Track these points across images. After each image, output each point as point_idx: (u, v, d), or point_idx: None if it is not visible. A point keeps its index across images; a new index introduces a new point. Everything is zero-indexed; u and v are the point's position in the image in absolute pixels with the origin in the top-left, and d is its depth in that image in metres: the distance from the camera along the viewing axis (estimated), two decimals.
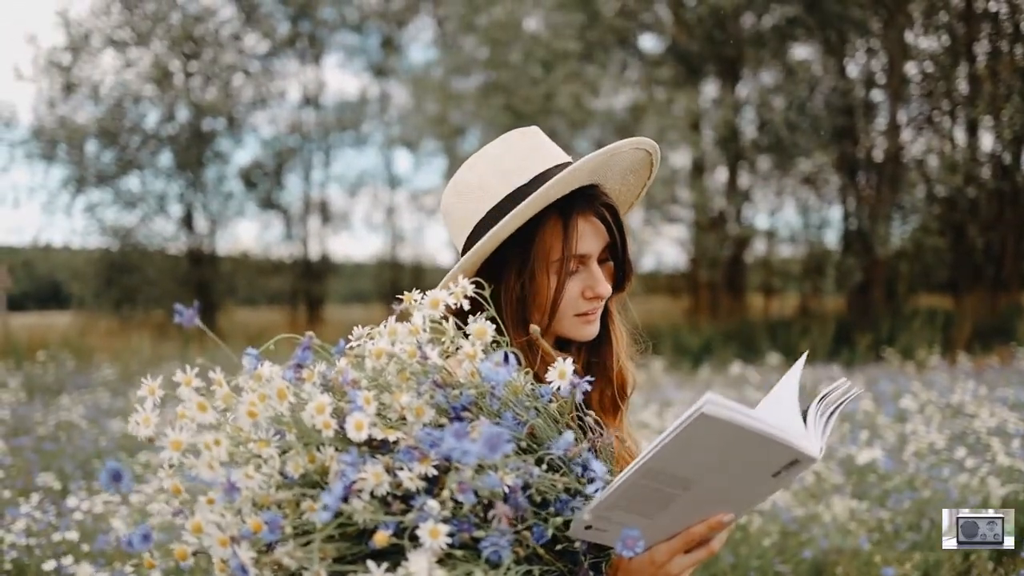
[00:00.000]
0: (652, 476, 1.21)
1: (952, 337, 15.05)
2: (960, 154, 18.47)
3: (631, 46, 20.79)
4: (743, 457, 1.19)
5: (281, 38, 24.13)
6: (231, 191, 24.05)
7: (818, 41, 19.85)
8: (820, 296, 20.54)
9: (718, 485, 1.24)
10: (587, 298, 1.73)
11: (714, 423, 1.12)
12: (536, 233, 1.70)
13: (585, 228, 1.71)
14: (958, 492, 5.05)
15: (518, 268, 1.71)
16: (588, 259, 1.73)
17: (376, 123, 25.94)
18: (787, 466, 1.20)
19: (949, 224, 19.36)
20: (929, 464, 5.59)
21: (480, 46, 20.35)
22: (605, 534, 1.30)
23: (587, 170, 1.69)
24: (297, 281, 25.00)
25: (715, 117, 19.97)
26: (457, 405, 1.30)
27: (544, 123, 18.65)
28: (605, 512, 1.25)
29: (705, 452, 1.17)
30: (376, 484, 1.19)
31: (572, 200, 1.72)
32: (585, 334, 1.76)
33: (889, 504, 5.09)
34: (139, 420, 1.31)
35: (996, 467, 5.35)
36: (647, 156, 1.80)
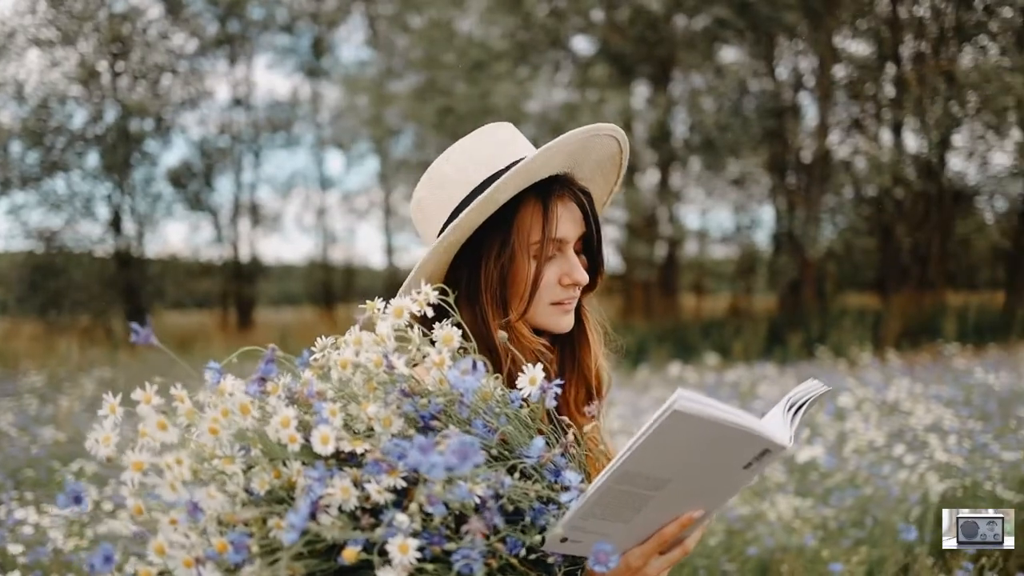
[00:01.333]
0: (627, 480, 1.19)
1: (881, 335, 15.32)
2: (887, 156, 18.79)
3: (563, 48, 20.85)
4: (715, 451, 1.18)
5: (210, 38, 23.83)
6: (160, 193, 23.67)
7: (748, 43, 20.09)
8: (751, 296, 20.78)
9: (691, 482, 1.23)
10: (564, 285, 1.70)
11: (687, 419, 1.10)
12: (515, 215, 1.69)
13: (563, 212, 1.70)
14: (899, 489, 5.11)
15: (497, 251, 1.69)
16: (565, 245, 1.71)
17: (307, 124, 25.75)
18: (758, 457, 1.19)
19: (877, 225, 19.72)
20: (869, 461, 5.65)
21: (414, 47, 20.29)
22: (580, 545, 1.28)
23: (567, 152, 1.68)
24: (227, 283, 24.72)
25: (647, 118, 20.10)
26: (426, 414, 1.28)
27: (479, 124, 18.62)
28: (580, 522, 1.23)
29: (680, 450, 1.16)
30: (344, 499, 1.16)
31: (550, 184, 1.71)
32: (560, 325, 1.73)
33: (832, 502, 5.13)
34: (99, 439, 1.25)
35: (935, 463, 5.43)
36: (617, 153, 1.80)
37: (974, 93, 17.67)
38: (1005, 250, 21.06)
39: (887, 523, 4.77)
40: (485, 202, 1.63)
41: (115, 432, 1.26)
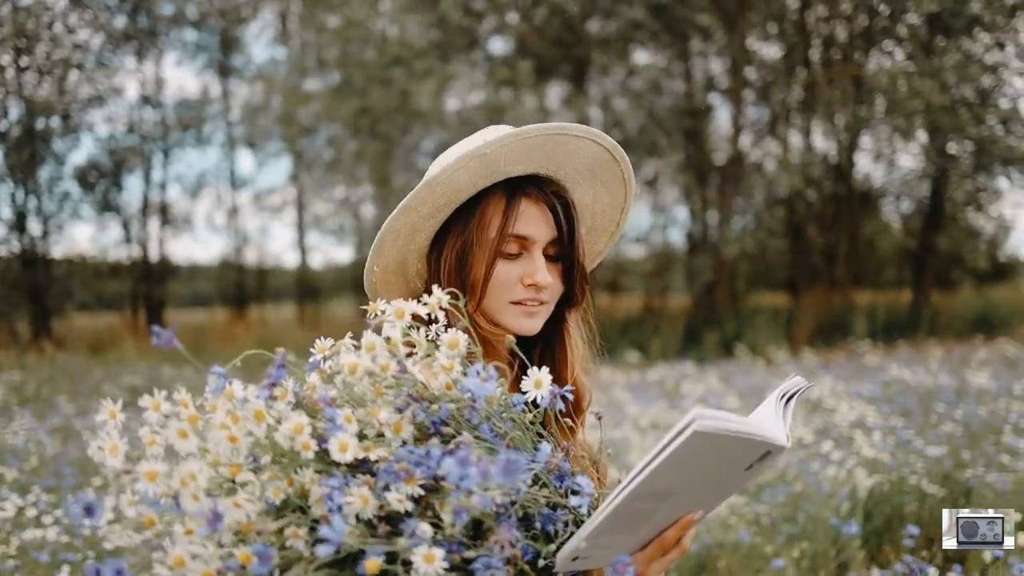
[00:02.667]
0: (641, 499, 1.20)
1: (794, 334, 15.61)
2: (797, 158, 19.15)
3: (480, 48, 20.86)
4: (725, 459, 1.19)
5: (118, 33, 23.30)
6: (67, 192, 23.09)
7: (663, 45, 20.30)
8: (666, 295, 21.00)
9: (697, 489, 1.24)
10: (525, 285, 1.69)
11: (707, 438, 1.11)
12: (478, 206, 1.69)
13: (530, 210, 1.69)
14: (828, 484, 5.21)
15: (456, 238, 1.70)
16: (530, 244, 1.69)
17: (218, 122, 25.36)
18: (760, 458, 1.21)
19: (788, 225, 20.08)
20: (799, 458, 5.75)
21: (328, 45, 20.12)
22: (588, 559, 1.27)
23: (541, 150, 1.66)
24: (136, 285, 24.20)
25: (564, 118, 20.19)
26: (436, 419, 1.26)
27: (397, 123, 18.57)
28: (591, 540, 1.23)
29: (694, 465, 1.17)
30: (362, 508, 1.15)
31: (522, 182, 1.71)
32: (523, 327, 1.71)
33: (764, 498, 5.21)
34: (105, 448, 1.19)
35: (862, 459, 5.55)
36: (610, 161, 1.76)
37: (882, 97, 18.08)
38: (910, 250, 21.63)
39: (819, 518, 4.86)
40: (433, 182, 1.64)
41: (123, 440, 1.20)
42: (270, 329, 20.10)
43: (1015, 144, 18.00)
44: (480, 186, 1.69)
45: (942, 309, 18.29)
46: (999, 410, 6.67)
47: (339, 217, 23.78)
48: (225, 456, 1.20)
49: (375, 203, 22.36)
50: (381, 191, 20.46)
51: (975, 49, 18.05)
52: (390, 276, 1.79)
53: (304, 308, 24.98)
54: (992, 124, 18.00)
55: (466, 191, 1.69)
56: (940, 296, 20.53)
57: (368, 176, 21.19)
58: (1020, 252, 27.06)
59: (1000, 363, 10.33)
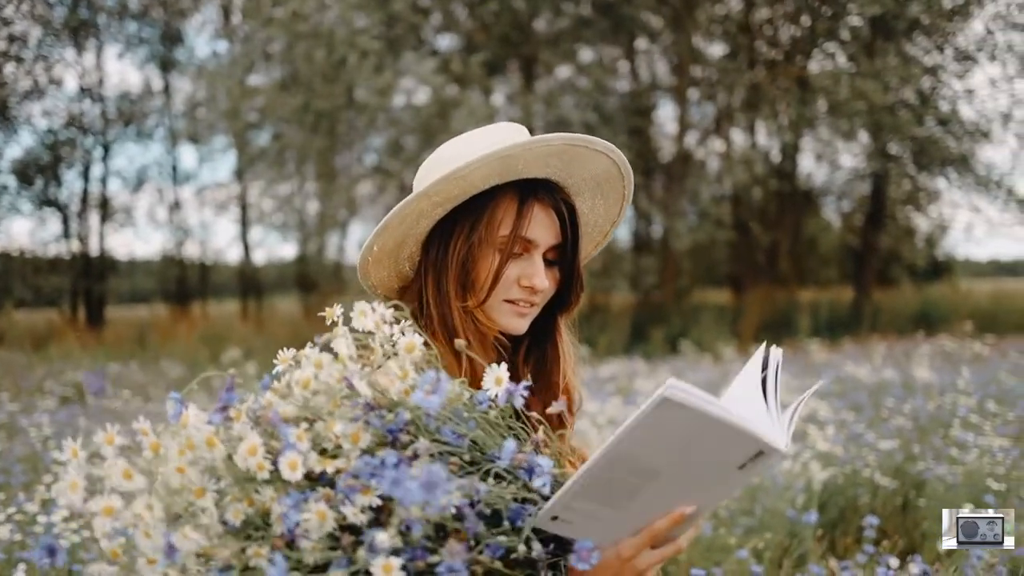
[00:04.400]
0: (617, 466, 1.20)
1: (738, 330, 15.76)
2: (741, 156, 19.32)
3: (427, 44, 20.78)
4: (707, 447, 1.19)
5: (57, 24, 22.90)
6: (4, 186, 22.67)
7: (609, 43, 20.38)
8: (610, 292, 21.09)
9: (684, 476, 1.25)
10: (522, 286, 1.72)
11: (676, 409, 1.12)
12: (489, 205, 1.71)
13: (539, 215, 1.72)
14: (783, 478, 5.29)
15: (466, 233, 1.72)
16: (533, 248, 1.72)
17: (160, 116, 25.00)
18: (753, 458, 1.21)
19: (733, 223, 20.26)
20: None
21: (273, 40, 19.93)
22: (571, 526, 1.28)
23: (557, 156, 1.69)
24: (76, 280, 23.80)
25: (510, 114, 20.18)
26: (392, 427, 1.27)
27: (343, 119, 18.46)
28: (571, 502, 1.24)
29: (669, 440, 1.18)
30: (321, 523, 1.17)
31: (534, 185, 1.73)
32: (512, 325, 1.75)
33: None
34: (66, 487, 1.22)
35: (816, 453, 5.63)
36: (617, 177, 1.79)
37: (824, 97, 18.30)
38: (851, 248, 21.94)
39: (775, 510, 4.93)
40: (451, 177, 1.64)
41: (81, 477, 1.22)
42: (213, 325, 19.83)
43: (953, 145, 18.34)
44: (494, 183, 1.71)
45: (883, 306, 18.57)
46: (945, 404, 6.80)
47: (283, 213, 23.58)
48: (181, 483, 1.23)
49: (319, 199, 22.19)
50: (326, 187, 20.31)
51: (915, 52, 18.36)
52: (383, 257, 1.80)
53: (247, 304, 24.72)
54: (931, 125, 18.30)
55: (479, 186, 1.70)
56: (881, 293, 20.83)
57: (313, 172, 21.05)
58: (956, 251, 27.59)
59: (941, 358, 10.54)
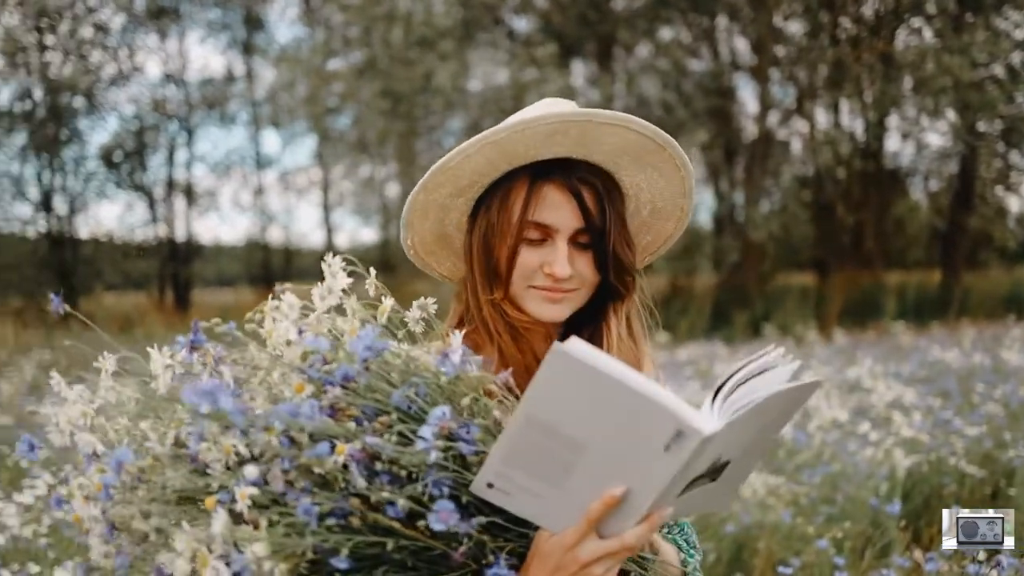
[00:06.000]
0: (539, 428, 1.17)
1: (823, 313, 15.50)
2: (825, 137, 19.00)
3: (505, 26, 20.75)
4: (621, 418, 1.15)
5: (140, 11, 23.25)
6: (92, 172, 23.14)
7: (689, 22, 20.16)
8: (691, 275, 20.91)
9: (609, 453, 1.20)
10: (544, 274, 1.63)
11: (571, 363, 1.11)
12: (503, 190, 1.65)
13: (553, 197, 1.62)
14: (867, 465, 5.16)
15: (484, 222, 1.66)
16: (554, 233, 1.63)
17: (242, 102, 25.29)
18: (674, 438, 1.14)
19: (816, 204, 19.95)
20: (834, 439, 5.70)
21: (351, 24, 20.05)
22: (510, 498, 1.25)
23: (550, 132, 1.57)
24: (163, 264, 24.24)
25: (589, 97, 20.08)
26: (330, 380, 1.27)
27: (420, 103, 18.51)
28: (503, 469, 1.21)
29: (576, 402, 1.15)
30: (226, 456, 1.22)
31: (549, 167, 1.64)
32: (544, 312, 1.65)
33: (802, 479, 5.16)
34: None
35: (899, 440, 5.49)
36: (655, 148, 1.66)
37: (910, 74, 17.90)
38: (939, 229, 21.45)
39: (857, 499, 4.81)
40: (443, 167, 1.61)
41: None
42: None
43: None
44: (504, 168, 1.63)
45: (972, 288, 18.12)
46: None
47: (364, 196, 23.74)
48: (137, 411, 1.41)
49: (400, 182, 22.32)
50: (406, 170, 20.41)
51: (1005, 26, 17.85)
52: (432, 247, 1.77)
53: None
54: (1021, 102, 17.81)
55: (489, 174, 1.64)
56: (970, 275, 20.34)
57: (393, 155, 21.15)
58: None
59: None
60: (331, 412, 1.26)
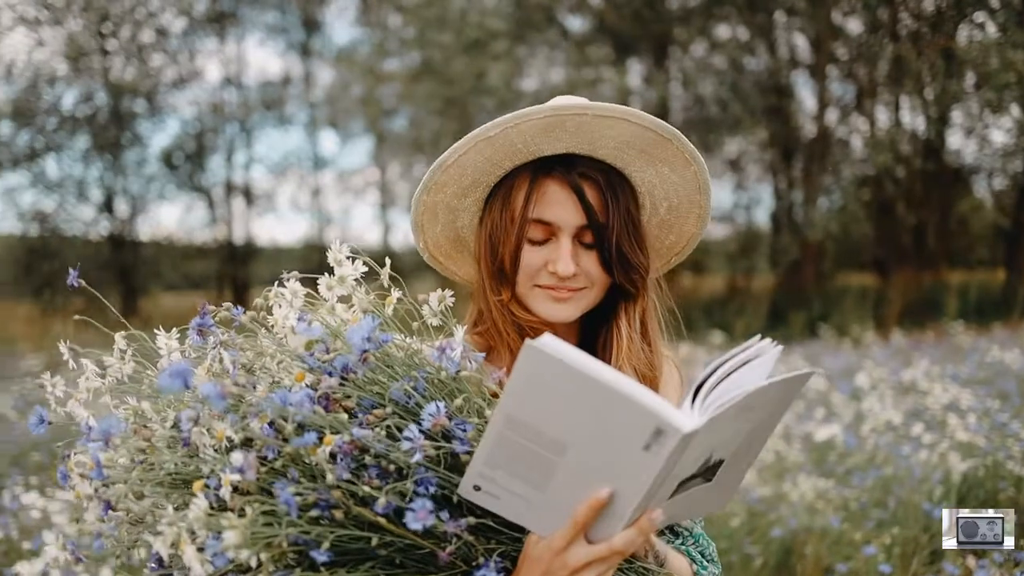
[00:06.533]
0: (519, 429, 1.15)
1: (882, 314, 15.26)
2: (886, 134, 18.72)
3: (559, 25, 20.70)
4: (599, 417, 1.12)
5: (199, 15, 23.56)
6: (152, 174, 23.48)
7: (746, 20, 19.96)
8: (750, 275, 20.70)
9: (591, 453, 1.16)
10: (549, 272, 1.59)
11: (543, 359, 1.09)
12: (506, 188, 1.62)
13: (555, 193, 1.58)
14: (920, 469, 5.04)
15: (489, 222, 1.63)
16: (557, 230, 1.58)
17: (300, 103, 25.50)
18: (654, 436, 1.11)
19: (876, 203, 19.67)
20: (888, 441, 5.58)
21: (407, 26, 20.13)
22: (497, 501, 1.22)
23: (547, 126, 1.53)
24: (222, 265, 24.53)
25: (645, 96, 19.98)
26: (328, 369, 1.27)
27: (474, 104, 18.53)
28: (487, 471, 1.19)
29: (553, 401, 1.12)
30: (218, 442, 1.23)
31: (552, 162, 1.59)
32: (551, 312, 1.61)
33: (853, 482, 5.06)
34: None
35: (955, 443, 5.35)
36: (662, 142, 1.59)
37: (972, 70, 17.57)
38: (1003, 228, 21.03)
39: (910, 503, 4.70)
40: (442, 164, 1.59)
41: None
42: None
43: None
44: (507, 165, 1.60)
45: None
46: None
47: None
48: None
49: None
50: None
51: None
52: (449, 251, 1.74)
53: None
54: None
55: (491, 172, 1.61)
56: None
57: None
58: None
59: None
60: (325, 402, 1.25)
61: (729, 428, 1.20)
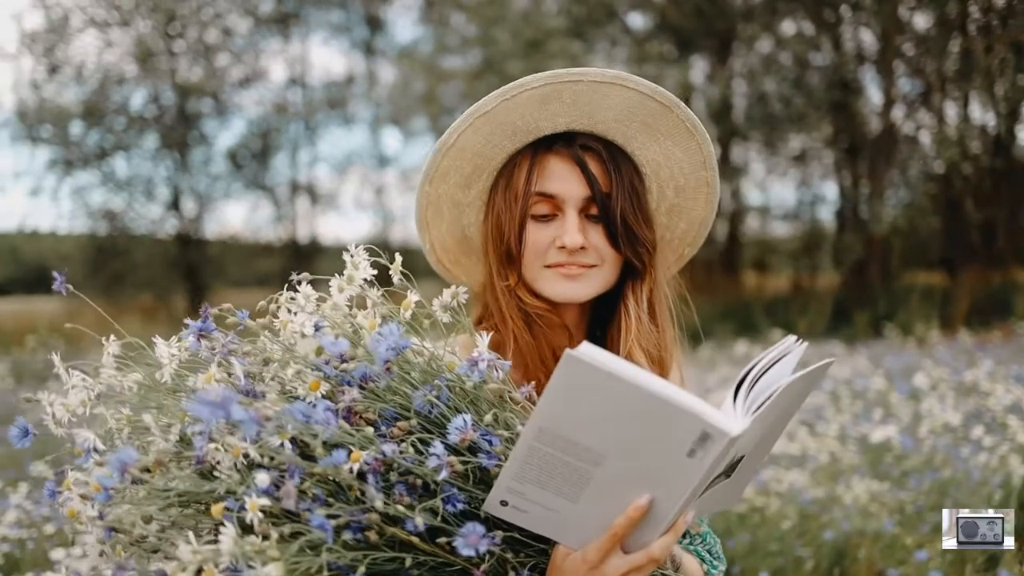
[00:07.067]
0: (552, 441, 1.13)
1: (949, 313, 14.98)
2: (954, 130, 18.37)
3: (620, 22, 20.60)
4: (644, 425, 1.11)
5: (264, 15, 23.79)
6: (218, 173, 23.78)
7: (810, 15, 19.70)
8: (814, 274, 20.45)
9: (630, 462, 1.15)
10: (557, 248, 1.57)
11: (585, 368, 1.07)
12: (509, 169, 1.62)
13: (557, 167, 1.58)
14: (979, 472, 4.93)
15: (493, 205, 1.63)
16: (562, 204, 1.57)
17: (363, 102, 25.65)
18: (699, 441, 1.10)
19: (944, 200, 19.33)
20: (946, 443, 5.47)
21: (468, 23, 20.17)
22: (525, 516, 1.21)
23: (543, 97, 1.52)
24: (287, 263, 24.74)
25: (707, 92, 19.82)
26: (347, 379, 1.24)
27: None
28: (516, 485, 1.17)
29: (593, 410, 1.11)
30: (235, 458, 1.16)
31: (551, 139, 1.59)
32: (564, 293, 1.59)
33: (910, 485, 4.96)
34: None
35: (1016, 445, 5.23)
36: (664, 111, 1.58)
37: None
38: None
39: (967, 507, 4.59)
40: (442, 147, 1.59)
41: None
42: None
43: None
44: (506, 146, 1.58)
45: None
46: None
47: None
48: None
49: None
50: None
51: None
52: (456, 255, 1.73)
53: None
54: None
55: (491, 156, 1.60)
56: None
57: None
58: None
59: None
60: (347, 415, 1.22)
61: (757, 425, 1.20)
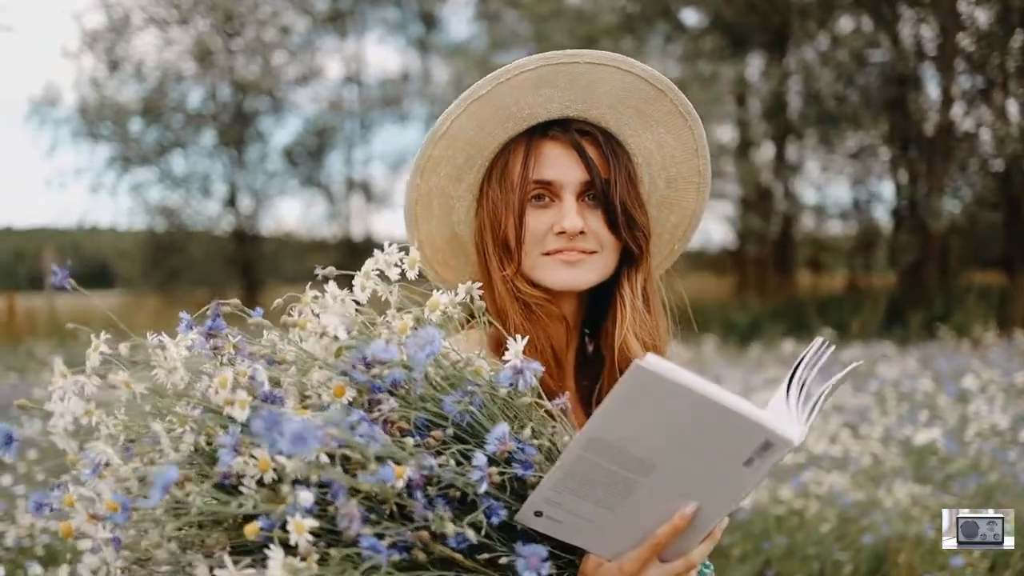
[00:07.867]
0: (601, 451, 1.11)
1: (1007, 314, 14.70)
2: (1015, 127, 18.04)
3: (674, 19, 20.48)
4: (704, 435, 1.09)
5: (320, 14, 23.95)
6: (274, 170, 23.99)
7: (866, 11, 19.44)
8: (870, 273, 20.19)
9: (682, 471, 1.13)
10: (556, 234, 1.55)
11: (652, 379, 1.04)
12: (508, 156, 1.60)
13: (553, 152, 1.57)
14: None
15: (489, 194, 1.60)
16: (560, 189, 1.56)
17: (418, 99, 25.71)
18: (759, 451, 1.09)
19: (1003, 199, 18.99)
20: (993, 446, 5.36)
21: (522, 21, 20.15)
22: (559, 526, 1.19)
23: (537, 80, 1.54)
24: (342, 260, 24.82)
25: (762, 90, 19.65)
26: (377, 386, 1.18)
27: None
28: (554, 495, 1.15)
29: (656, 422, 1.09)
30: (263, 471, 1.08)
31: (547, 125, 1.58)
32: (564, 280, 1.56)
33: (954, 489, 4.87)
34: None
35: None
36: (658, 96, 1.58)
37: None
38: None
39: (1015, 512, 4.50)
40: (435, 135, 1.58)
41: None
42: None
43: None
44: (499, 134, 1.57)
45: None
46: None
47: None
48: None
49: None
50: None
51: None
52: (445, 254, 1.70)
53: None
54: None
55: (484, 145, 1.58)
56: None
57: None
58: None
59: None
60: (383, 424, 1.17)
61: None
